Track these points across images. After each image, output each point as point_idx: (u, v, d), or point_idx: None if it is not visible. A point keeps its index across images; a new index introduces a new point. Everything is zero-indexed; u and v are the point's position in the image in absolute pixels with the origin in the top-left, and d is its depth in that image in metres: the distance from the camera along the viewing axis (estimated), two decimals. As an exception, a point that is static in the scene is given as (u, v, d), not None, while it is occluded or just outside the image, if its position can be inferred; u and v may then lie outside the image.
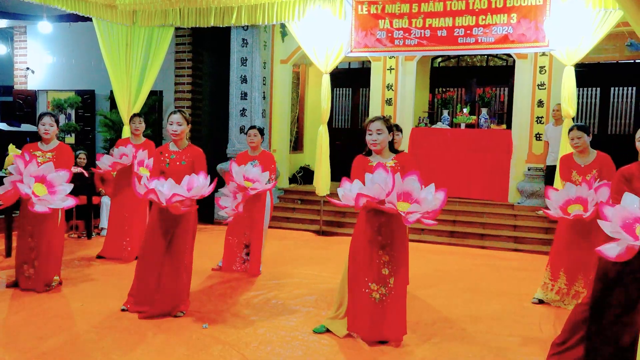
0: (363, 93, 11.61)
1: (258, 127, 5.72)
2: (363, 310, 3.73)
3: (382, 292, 3.69)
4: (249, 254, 5.61)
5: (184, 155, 4.23)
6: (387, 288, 3.70)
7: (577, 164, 4.67)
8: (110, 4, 7.49)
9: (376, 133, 3.69)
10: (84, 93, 10.12)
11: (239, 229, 5.62)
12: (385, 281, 3.70)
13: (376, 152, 3.78)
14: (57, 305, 4.49)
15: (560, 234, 4.79)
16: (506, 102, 10.24)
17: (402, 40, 7.04)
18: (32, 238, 4.72)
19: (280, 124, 9.71)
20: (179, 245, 4.22)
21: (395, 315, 3.72)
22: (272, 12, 7.36)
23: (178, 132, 4.22)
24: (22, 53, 10.77)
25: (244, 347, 3.70)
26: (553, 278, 4.78)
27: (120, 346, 3.65)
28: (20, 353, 3.49)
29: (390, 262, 3.70)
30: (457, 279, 5.74)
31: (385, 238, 3.69)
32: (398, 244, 3.73)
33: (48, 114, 4.88)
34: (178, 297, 4.25)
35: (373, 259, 3.71)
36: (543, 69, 8.16)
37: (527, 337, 4.04)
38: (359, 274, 3.75)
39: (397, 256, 3.72)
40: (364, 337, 3.79)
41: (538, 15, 6.39)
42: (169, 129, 4.23)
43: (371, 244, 3.70)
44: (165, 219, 4.16)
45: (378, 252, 3.70)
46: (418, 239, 7.59)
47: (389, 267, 3.70)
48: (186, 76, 9.57)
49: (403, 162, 3.76)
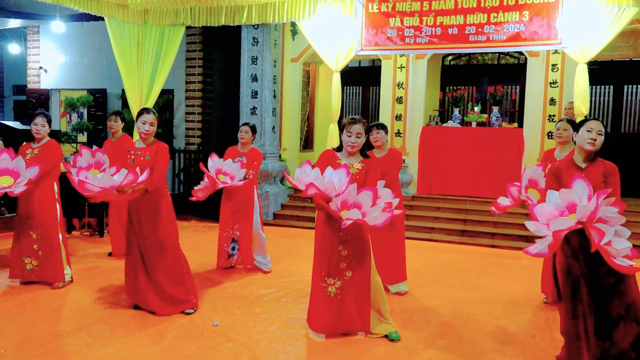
0: (373, 91, 11.59)
1: (251, 124, 5.74)
2: (320, 305, 3.79)
3: (338, 286, 3.75)
4: (234, 249, 5.66)
5: (148, 151, 4.24)
6: (342, 281, 3.75)
7: (554, 158, 4.67)
8: (122, 4, 7.55)
9: (355, 136, 3.70)
10: (96, 92, 10.21)
11: (228, 224, 5.67)
12: (342, 274, 3.75)
13: (350, 154, 3.79)
14: (70, 301, 4.54)
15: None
16: (518, 101, 10.17)
17: (412, 38, 7.02)
18: (32, 230, 4.83)
19: (291, 122, 9.72)
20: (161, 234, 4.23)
21: (352, 306, 3.75)
22: (283, 11, 7.37)
23: (150, 131, 4.25)
24: (35, 52, 10.89)
25: (255, 344, 3.71)
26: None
27: (131, 342, 3.68)
28: (35, 348, 3.54)
29: (349, 257, 3.75)
30: (467, 278, 5.71)
31: (346, 234, 3.73)
32: (359, 239, 3.76)
33: (41, 114, 4.92)
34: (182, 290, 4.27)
35: (332, 254, 3.76)
36: (555, 67, 8.09)
37: (538, 337, 4.02)
38: (317, 269, 3.82)
39: (357, 251, 3.76)
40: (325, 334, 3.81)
41: (550, 12, 6.33)
42: (140, 128, 4.23)
43: (332, 239, 3.76)
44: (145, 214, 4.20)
45: (338, 247, 3.75)
46: (428, 238, 7.57)
47: (346, 261, 3.75)
48: (197, 75, 9.61)
49: (368, 167, 3.79)
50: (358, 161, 3.79)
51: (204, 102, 9.68)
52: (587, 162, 3.33)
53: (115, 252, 6.13)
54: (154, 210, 4.23)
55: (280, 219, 8.60)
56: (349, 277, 3.76)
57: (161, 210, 4.26)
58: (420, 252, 6.65)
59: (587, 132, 3.29)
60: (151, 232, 4.22)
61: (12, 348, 3.54)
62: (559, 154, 4.69)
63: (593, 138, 3.26)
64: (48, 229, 4.87)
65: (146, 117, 4.23)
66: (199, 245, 6.63)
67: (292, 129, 9.75)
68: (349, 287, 3.75)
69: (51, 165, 4.86)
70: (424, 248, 7.05)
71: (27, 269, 4.89)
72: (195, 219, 8.45)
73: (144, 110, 4.30)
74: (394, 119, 9.09)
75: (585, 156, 3.33)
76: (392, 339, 3.80)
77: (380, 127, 4.88)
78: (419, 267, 5.94)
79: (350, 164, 3.74)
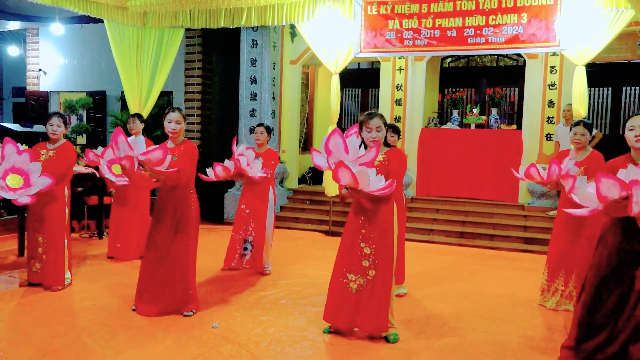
0: (372, 93, 11.60)
1: (265, 125, 5.76)
2: (339, 300, 3.79)
3: (360, 283, 3.74)
4: (247, 249, 5.67)
5: (176, 151, 4.20)
6: (365, 279, 3.73)
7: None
8: (121, 6, 7.56)
9: (376, 130, 3.68)
10: (95, 94, 10.22)
11: (242, 225, 5.68)
12: (365, 272, 3.73)
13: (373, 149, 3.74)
14: (69, 303, 4.54)
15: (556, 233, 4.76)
16: (516, 103, 10.20)
17: (411, 40, 7.03)
18: (39, 233, 4.81)
19: (290, 124, 9.72)
20: (182, 241, 4.24)
21: (373, 307, 3.72)
22: (282, 13, 7.38)
23: (177, 130, 4.21)
24: (35, 54, 10.89)
25: (254, 346, 3.72)
26: (550, 279, 4.74)
27: (131, 345, 3.69)
28: (33, 351, 3.54)
29: (372, 255, 3.72)
30: (466, 279, 5.72)
31: (369, 231, 3.71)
32: (382, 237, 3.72)
33: (57, 114, 4.92)
34: (186, 293, 4.29)
35: (354, 251, 3.75)
36: (554, 69, 8.11)
37: (537, 339, 4.02)
38: (339, 264, 3.82)
39: (380, 250, 3.72)
40: (341, 328, 3.84)
41: (549, 15, 6.35)
42: (167, 127, 4.20)
43: (354, 236, 3.75)
44: (168, 216, 4.19)
45: (360, 244, 3.73)
46: (427, 240, 7.58)
47: (369, 259, 3.72)
48: (196, 77, 9.62)
49: (390, 157, 3.77)
50: (381, 153, 3.77)
51: (203, 104, 9.69)
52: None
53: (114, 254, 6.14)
54: (188, 213, 4.22)
55: (279, 221, 8.58)
56: (371, 277, 3.72)
57: (192, 215, 4.26)
58: (419, 254, 6.65)
59: (629, 131, 3.21)
60: (174, 234, 4.20)
61: (12, 350, 3.54)
62: (575, 156, 4.63)
63: (637, 135, 3.17)
64: (54, 233, 4.82)
65: (172, 115, 4.20)
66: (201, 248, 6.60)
67: (291, 131, 9.76)
68: (369, 286, 3.73)
69: (64, 168, 4.81)
70: (423, 250, 7.06)
71: (32, 272, 4.88)
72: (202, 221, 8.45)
73: (170, 108, 4.27)
74: (392, 121, 9.09)
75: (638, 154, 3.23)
76: (390, 341, 3.80)
77: (395, 131, 4.91)
78: (418, 268, 5.94)
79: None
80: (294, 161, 9.78)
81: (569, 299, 4.60)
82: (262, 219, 5.61)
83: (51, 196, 4.74)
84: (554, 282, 4.71)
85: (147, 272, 4.27)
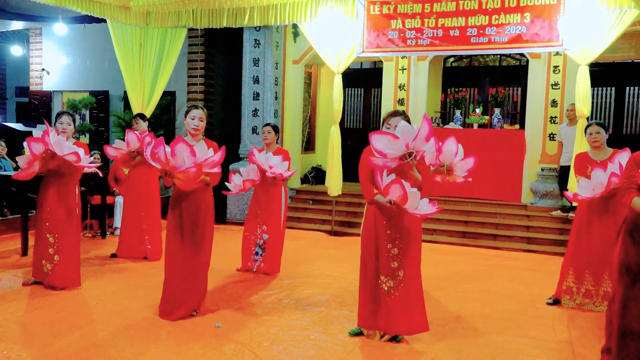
0: (375, 93, 11.59)
1: (272, 124, 5.76)
2: (373, 302, 3.76)
3: (390, 285, 3.71)
4: (257, 254, 5.61)
5: None
6: (395, 281, 3.71)
7: (593, 160, 4.64)
8: (124, 6, 7.57)
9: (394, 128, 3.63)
10: (98, 94, 10.23)
11: (254, 226, 5.64)
12: (395, 274, 3.71)
13: None
14: (73, 303, 4.55)
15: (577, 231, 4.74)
16: (519, 102, 10.17)
17: (414, 40, 7.03)
18: (50, 233, 4.75)
19: (292, 124, 9.73)
20: (205, 240, 4.24)
21: (406, 308, 3.71)
22: (284, 13, 7.38)
23: (199, 127, 4.21)
24: (38, 54, 10.91)
25: (257, 346, 3.72)
26: (578, 281, 4.72)
27: (134, 344, 3.69)
28: (37, 350, 3.55)
29: (400, 255, 3.71)
30: (469, 279, 5.71)
31: (395, 231, 3.70)
32: (409, 237, 3.72)
33: (66, 113, 4.92)
34: (202, 295, 4.31)
35: (382, 252, 3.72)
36: (557, 69, 8.09)
37: (540, 339, 4.02)
38: (368, 266, 3.78)
39: (407, 249, 3.71)
40: (376, 328, 3.81)
41: (552, 14, 6.34)
42: (189, 124, 4.19)
43: (381, 237, 3.72)
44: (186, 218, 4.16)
45: (387, 245, 3.71)
46: (430, 240, 7.57)
47: (397, 260, 3.71)
48: (199, 77, 9.63)
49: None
50: None
51: (206, 104, 9.69)
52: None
53: (121, 253, 6.14)
54: (203, 210, 4.20)
55: (282, 221, 8.60)
56: (401, 277, 3.70)
57: (207, 212, 4.25)
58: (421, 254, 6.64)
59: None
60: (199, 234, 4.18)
61: (16, 349, 3.55)
62: (597, 156, 4.62)
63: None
64: (67, 233, 4.78)
65: (195, 112, 4.20)
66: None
67: (294, 130, 9.76)
68: (401, 287, 3.70)
69: (81, 167, 4.77)
70: (426, 249, 6.97)
71: (44, 273, 4.81)
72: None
73: (193, 106, 4.27)
74: (395, 121, 9.08)
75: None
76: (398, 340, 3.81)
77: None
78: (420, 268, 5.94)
79: None
80: (297, 161, 9.77)
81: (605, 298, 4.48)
82: (277, 220, 5.57)
83: (62, 195, 4.73)
84: (582, 283, 4.68)
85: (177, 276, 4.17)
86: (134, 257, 6.06)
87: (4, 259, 5.99)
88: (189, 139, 4.20)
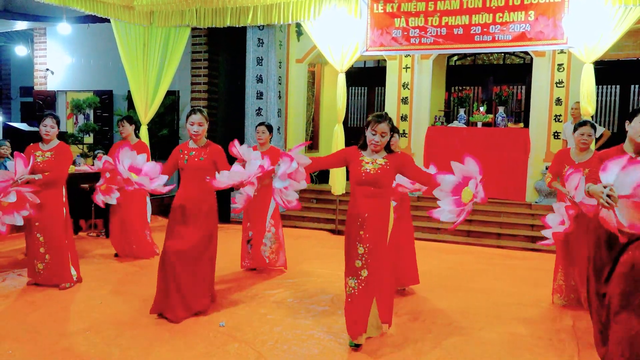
0: (379, 92, 11.58)
1: (266, 123, 5.76)
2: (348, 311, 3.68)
3: (352, 285, 3.64)
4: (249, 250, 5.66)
5: (202, 152, 4.22)
6: (357, 281, 3.63)
7: (571, 160, 4.60)
8: (128, 5, 7.58)
9: (380, 135, 3.60)
10: (102, 93, 10.25)
11: (245, 225, 5.70)
12: (357, 273, 3.64)
13: (373, 152, 3.68)
14: (76, 302, 4.56)
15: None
16: (523, 101, 10.13)
17: (418, 38, 7.00)
18: (40, 233, 4.82)
19: (296, 123, 9.72)
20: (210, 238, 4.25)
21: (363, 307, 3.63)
22: (288, 12, 7.37)
23: (199, 132, 4.21)
24: (42, 54, 10.94)
25: (261, 345, 3.72)
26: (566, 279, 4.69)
27: (138, 343, 3.70)
28: (42, 349, 3.56)
29: (365, 255, 3.62)
30: (473, 278, 5.70)
31: (366, 231, 3.61)
32: (377, 237, 3.63)
33: (50, 115, 4.90)
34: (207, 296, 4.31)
35: (351, 254, 3.67)
36: (561, 67, 8.06)
37: (545, 338, 4.00)
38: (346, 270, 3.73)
39: (374, 249, 3.61)
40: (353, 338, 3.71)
41: (556, 12, 6.31)
42: (190, 129, 4.20)
43: (352, 238, 3.66)
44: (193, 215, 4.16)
45: (356, 245, 3.64)
46: (434, 239, 7.56)
47: (361, 259, 3.62)
48: (202, 76, 9.63)
49: (392, 162, 3.68)
50: (382, 157, 3.68)
51: (210, 103, 9.70)
52: (637, 154, 3.20)
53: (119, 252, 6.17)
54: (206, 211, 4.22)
55: (285, 220, 8.56)
56: (363, 277, 3.62)
57: (212, 211, 4.27)
58: (426, 253, 6.62)
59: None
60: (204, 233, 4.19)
61: (19, 348, 3.56)
62: (578, 157, 4.59)
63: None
64: (55, 232, 4.85)
65: (193, 117, 4.18)
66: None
67: (297, 129, 9.76)
68: (361, 288, 3.61)
69: (66, 169, 4.90)
70: (430, 249, 7.04)
71: (35, 272, 4.90)
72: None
73: (192, 111, 4.25)
74: (399, 120, 9.08)
75: (636, 148, 3.21)
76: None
77: (397, 131, 4.81)
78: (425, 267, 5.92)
79: (373, 159, 3.65)
80: (300, 160, 9.77)
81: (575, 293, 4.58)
82: (261, 218, 5.57)
83: (49, 197, 4.77)
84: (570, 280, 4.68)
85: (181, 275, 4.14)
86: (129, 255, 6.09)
87: (9, 257, 6.01)
88: (191, 143, 4.27)
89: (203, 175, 4.15)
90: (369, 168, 3.62)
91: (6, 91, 14.17)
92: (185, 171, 4.23)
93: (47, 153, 4.82)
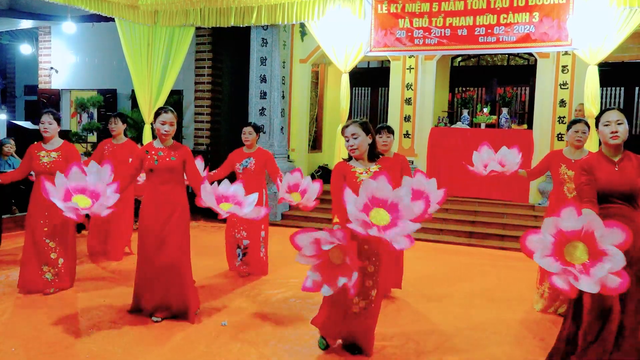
0: (382, 92, 11.58)
1: (253, 124, 5.59)
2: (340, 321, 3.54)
3: (362, 306, 3.46)
4: (239, 256, 5.47)
5: (172, 152, 4.10)
6: (367, 301, 3.47)
7: (567, 159, 4.54)
8: (132, 5, 7.60)
9: (352, 138, 3.46)
10: (106, 92, 10.28)
11: (233, 227, 5.47)
12: (368, 294, 3.47)
13: (356, 158, 3.55)
14: (79, 301, 4.57)
15: None
16: (527, 102, 10.12)
17: (422, 39, 7.01)
18: (50, 238, 4.65)
19: (299, 123, 9.73)
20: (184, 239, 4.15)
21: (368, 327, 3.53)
22: (292, 12, 7.38)
23: (170, 132, 4.09)
24: (47, 53, 10.98)
25: (263, 345, 3.72)
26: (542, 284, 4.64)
27: (140, 342, 3.71)
28: (44, 347, 3.57)
29: (375, 274, 3.47)
30: (476, 280, 5.69)
31: (373, 247, 3.45)
32: (383, 253, 3.51)
33: (48, 112, 4.74)
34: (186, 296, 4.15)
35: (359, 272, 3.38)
36: (565, 68, 8.04)
37: (548, 340, 3.98)
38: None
39: (380, 267, 3.51)
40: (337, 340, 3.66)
41: (561, 13, 6.30)
42: (160, 129, 4.06)
43: (359, 255, 3.35)
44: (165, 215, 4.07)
45: (364, 262, 3.41)
46: (436, 239, 7.55)
47: (372, 278, 3.47)
48: (206, 75, 9.65)
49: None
50: (374, 164, 3.58)
51: (213, 102, 9.72)
52: (618, 156, 3.16)
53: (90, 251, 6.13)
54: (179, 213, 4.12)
55: (288, 220, 8.62)
56: (373, 297, 3.47)
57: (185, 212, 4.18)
58: (428, 254, 6.63)
59: (605, 126, 3.11)
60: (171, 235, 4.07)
61: (22, 346, 3.57)
62: (572, 155, 4.57)
63: (614, 130, 3.08)
64: (67, 236, 4.75)
65: (165, 116, 4.06)
66: (207, 247, 6.63)
67: (301, 129, 9.76)
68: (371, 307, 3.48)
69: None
70: (433, 250, 7.03)
71: (46, 278, 4.67)
72: (203, 219, 8.48)
73: (162, 109, 4.10)
74: (402, 120, 9.07)
75: (614, 150, 3.17)
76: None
77: (391, 131, 4.70)
78: (427, 269, 5.93)
79: (367, 168, 3.54)
80: (304, 160, 9.78)
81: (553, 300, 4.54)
82: (256, 226, 5.38)
83: None
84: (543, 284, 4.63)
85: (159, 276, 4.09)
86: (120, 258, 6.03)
87: (12, 255, 6.03)
88: (157, 143, 4.14)
89: (175, 175, 4.09)
90: (364, 178, 3.45)
91: (11, 89, 14.22)
92: (156, 172, 4.07)
93: (52, 153, 4.67)
